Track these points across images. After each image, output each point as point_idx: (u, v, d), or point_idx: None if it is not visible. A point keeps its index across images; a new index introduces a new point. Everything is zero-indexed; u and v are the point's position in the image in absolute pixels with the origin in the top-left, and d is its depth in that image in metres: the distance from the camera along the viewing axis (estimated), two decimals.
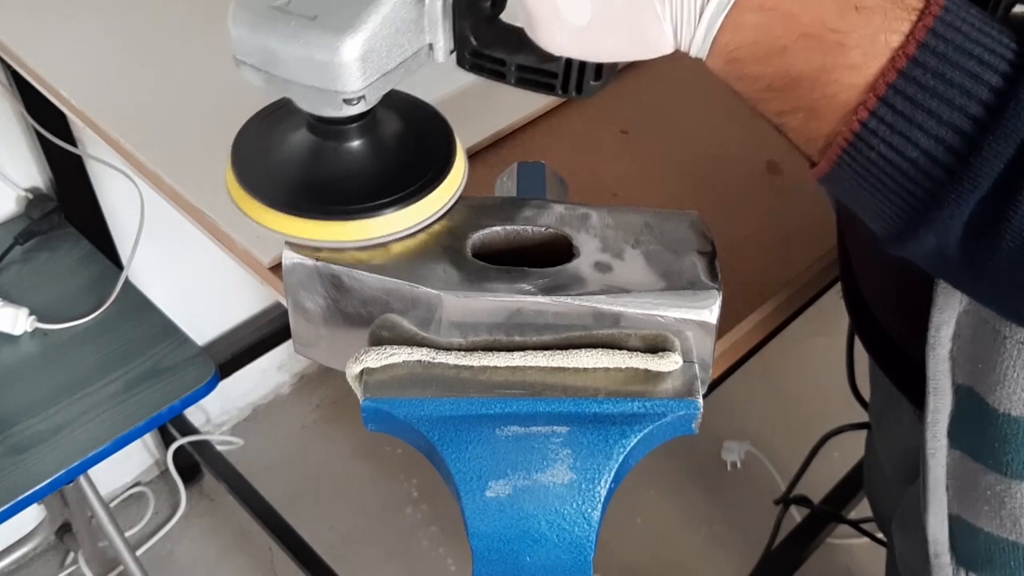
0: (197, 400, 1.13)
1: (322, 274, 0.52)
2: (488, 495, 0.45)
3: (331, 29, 0.45)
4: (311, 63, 0.45)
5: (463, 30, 0.47)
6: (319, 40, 0.45)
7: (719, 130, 0.88)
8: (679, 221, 0.55)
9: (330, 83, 0.46)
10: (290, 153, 0.53)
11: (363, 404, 0.46)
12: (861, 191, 0.40)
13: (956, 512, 0.57)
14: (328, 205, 0.51)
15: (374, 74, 0.46)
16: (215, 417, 1.85)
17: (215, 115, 0.89)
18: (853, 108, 0.38)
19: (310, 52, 0.45)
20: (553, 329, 0.50)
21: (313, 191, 0.52)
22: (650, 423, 0.46)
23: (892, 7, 0.37)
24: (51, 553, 1.67)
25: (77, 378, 1.13)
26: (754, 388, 1.89)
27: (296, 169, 0.53)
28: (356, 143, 0.52)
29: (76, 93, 0.92)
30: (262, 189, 0.52)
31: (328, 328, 0.54)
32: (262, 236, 0.78)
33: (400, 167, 0.53)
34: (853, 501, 1.52)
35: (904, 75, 0.37)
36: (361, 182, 0.52)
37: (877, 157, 0.38)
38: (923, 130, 0.37)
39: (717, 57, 0.40)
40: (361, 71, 0.45)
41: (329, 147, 0.52)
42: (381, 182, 0.52)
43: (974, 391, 0.52)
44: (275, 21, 0.46)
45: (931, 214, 0.38)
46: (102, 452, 1.07)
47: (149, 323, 1.20)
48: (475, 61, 0.48)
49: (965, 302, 0.50)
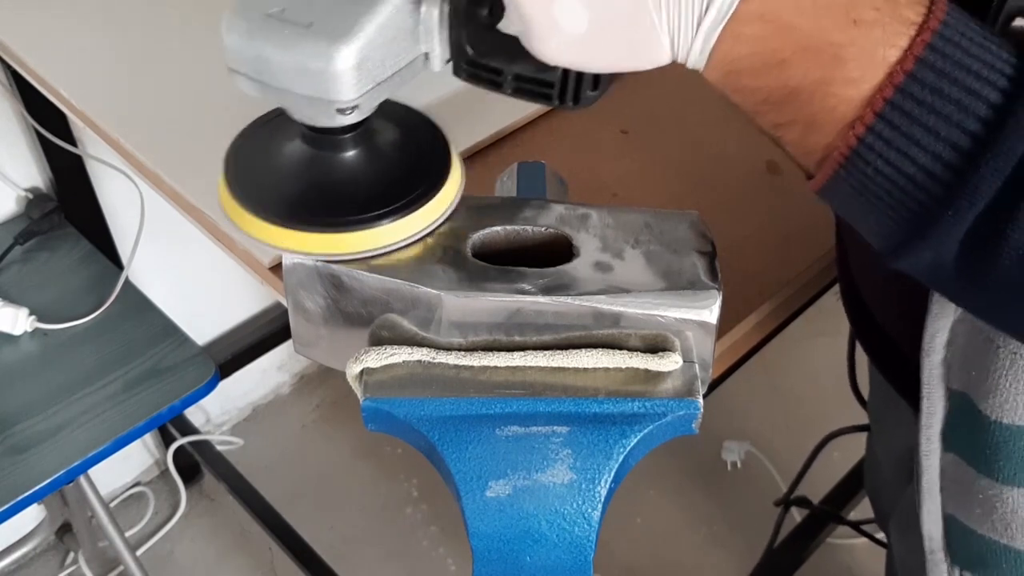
0: (197, 400, 1.13)
1: (322, 274, 0.52)
2: (488, 495, 0.45)
3: (325, 37, 0.44)
4: (305, 72, 0.45)
5: (460, 39, 0.46)
6: (313, 48, 0.44)
7: (719, 130, 0.88)
8: (679, 221, 0.55)
9: (324, 92, 0.45)
10: (283, 164, 0.52)
11: (363, 404, 0.46)
12: (858, 205, 0.40)
13: (950, 512, 0.57)
14: (323, 216, 0.50)
15: (368, 83, 0.46)
16: (215, 417, 1.85)
17: (216, 115, 0.89)
18: (850, 122, 0.38)
19: (304, 60, 0.45)
20: (553, 329, 0.50)
21: (307, 202, 0.51)
22: (650, 423, 0.46)
23: (891, 21, 0.37)
24: (51, 553, 1.67)
25: (77, 378, 1.13)
26: (754, 388, 1.90)
27: (289, 180, 0.52)
28: (351, 153, 0.51)
29: (76, 93, 0.92)
30: (254, 201, 0.51)
31: (328, 328, 0.54)
32: None
33: (395, 177, 0.52)
34: (853, 501, 1.52)
35: (901, 91, 0.36)
36: (356, 193, 0.51)
37: (874, 172, 0.38)
38: (920, 146, 0.37)
39: (714, 68, 0.40)
40: (355, 80, 0.45)
41: (323, 157, 0.51)
42: (376, 192, 0.51)
43: (967, 397, 0.52)
44: (269, 29, 0.45)
45: (928, 230, 0.38)
46: (102, 452, 1.07)
47: (149, 323, 1.20)
48: (471, 70, 0.47)
49: (960, 310, 0.50)
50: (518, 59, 0.45)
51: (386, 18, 0.44)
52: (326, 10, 0.45)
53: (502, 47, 0.46)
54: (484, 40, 0.46)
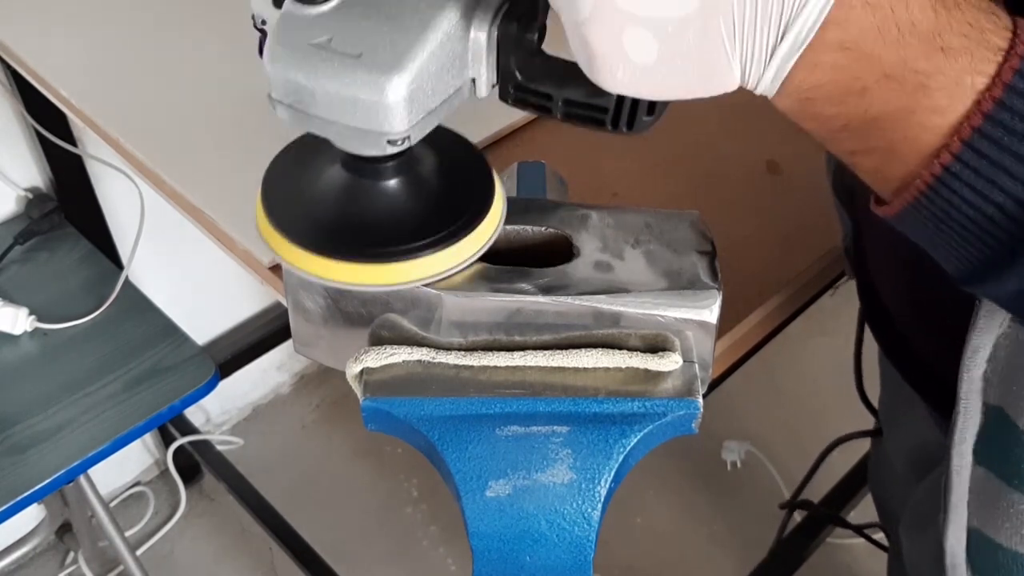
0: (197, 400, 1.13)
1: None
2: (488, 495, 0.45)
3: (377, 68, 0.43)
4: (356, 104, 0.43)
5: (508, 64, 0.45)
6: (365, 80, 0.43)
7: (719, 130, 0.88)
8: (679, 221, 0.55)
9: (376, 124, 0.44)
10: (325, 192, 0.51)
11: (363, 404, 0.46)
12: (937, 233, 0.39)
13: (975, 526, 0.56)
14: (372, 247, 0.48)
15: (420, 113, 0.44)
16: (215, 417, 1.85)
17: (216, 114, 0.89)
18: (935, 151, 0.37)
19: (355, 92, 0.43)
20: (553, 329, 0.49)
21: (354, 232, 0.49)
22: (650, 423, 0.46)
23: (977, 47, 0.36)
24: (51, 553, 1.67)
25: (77, 378, 1.13)
26: (754, 388, 1.89)
27: (333, 209, 0.50)
28: (395, 180, 0.50)
29: (76, 92, 0.92)
30: (299, 231, 0.49)
31: (328, 328, 0.54)
32: None
33: (443, 203, 0.51)
34: (853, 501, 1.52)
35: (990, 119, 0.35)
36: (398, 221, 0.50)
37: (960, 201, 0.37)
38: (1009, 174, 0.36)
39: (787, 96, 0.38)
40: (407, 111, 0.43)
41: (367, 185, 0.50)
42: (425, 220, 0.49)
43: (1004, 412, 0.51)
44: (317, 60, 0.43)
45: (1016, 259, 0.37)
46: (102, 452, 1.07)
47: (149, 323, 1.20)
48: (520, 95, 0.46)
49: (1005, 324, 0.49)
50: (568, 84, 0.44)
51: (437, 46, 0.43)
52: (375, 39, 0.43)
53: (552, 71, 0.44)
54: (533, 65, 0.45)
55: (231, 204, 0.79)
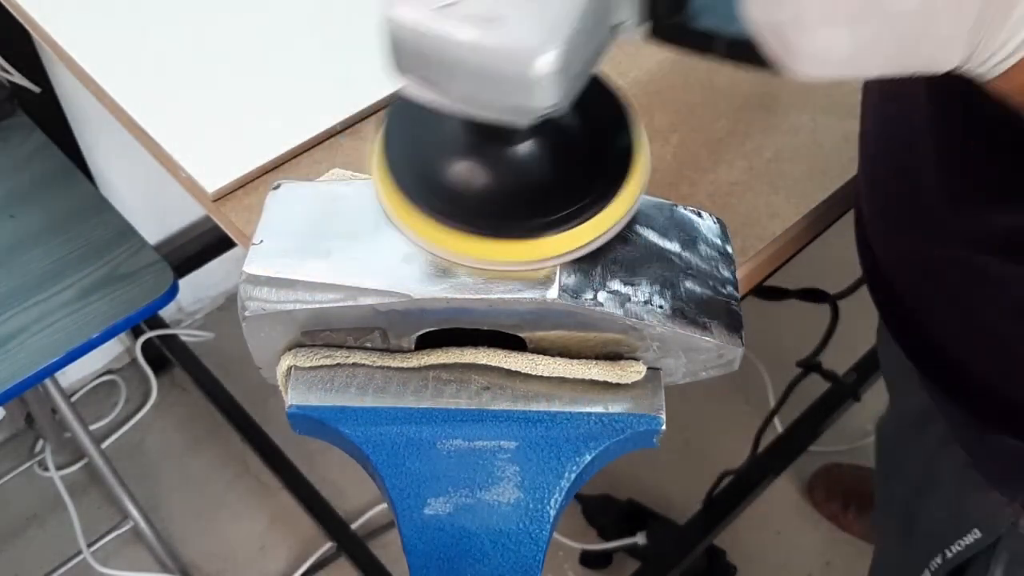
0: (154, 311, 1.08)
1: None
2: (427, 512, 0.41)
3: (524, 38, 0.35)
4: (500, 78, 0.36)
5: None
6: (510, 51, 0.35)
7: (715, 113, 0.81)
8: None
9: (523, 99, 0.37)
10: (455, 160, 0.43)
11: (288, 411, 0.41)
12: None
13: None
14: (518, 221, 0.41)
15: (573, 80, 0.37)
16: (187, 306, 1.81)
17: (168, 27, 0.81)
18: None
19: (498, 65, 0.36)
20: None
21: (495, 206, 0.42)
22: (607, 439, 0.42)
23: None
24: (19, 439, 1.65)
25: (27, 284, 1.07)
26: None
27: (465, 179, 0.43)
28: (532, 143, 0.42)
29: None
30: (431, 204, 0.42)
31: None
32: (208, 161, 0.72)
33: (585, 166, 0.43)
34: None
35: None
36: (546, 190, 0.42)
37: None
38: None
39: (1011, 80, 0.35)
40: (559, 83, 0.36)
41: (502, 152, 0.43)
42: (568, 187, 0.42)
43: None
44: (449, 27, 0.36)
45: None
46: (56, 363, 1.03)
47: (106, 224, 1.14)
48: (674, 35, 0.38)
49: None
50: (733, 21, 0.36)
51: (586, 2, 0.36)
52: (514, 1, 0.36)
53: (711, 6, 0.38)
54: None
55: (176, 125, 0.73)
